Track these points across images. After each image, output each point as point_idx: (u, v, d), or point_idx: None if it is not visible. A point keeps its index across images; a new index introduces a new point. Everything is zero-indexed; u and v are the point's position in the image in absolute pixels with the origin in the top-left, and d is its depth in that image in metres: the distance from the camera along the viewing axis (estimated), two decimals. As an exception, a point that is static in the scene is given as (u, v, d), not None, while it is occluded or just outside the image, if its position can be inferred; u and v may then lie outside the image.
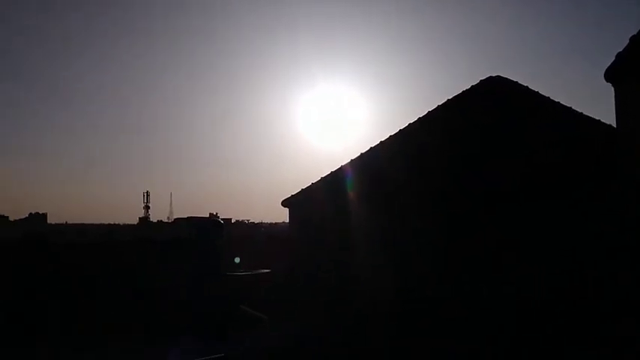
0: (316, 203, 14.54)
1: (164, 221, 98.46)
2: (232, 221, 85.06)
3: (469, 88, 14.22)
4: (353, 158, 14.68)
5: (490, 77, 14.20)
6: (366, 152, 14.74)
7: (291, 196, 14.82)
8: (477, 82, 14.25)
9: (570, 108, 13.38)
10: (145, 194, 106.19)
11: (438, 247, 12.41)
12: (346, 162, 14.73)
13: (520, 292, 11.44)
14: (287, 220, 15.86)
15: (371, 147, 14.60)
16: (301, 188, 14.86)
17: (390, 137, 14.68)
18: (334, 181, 14.39)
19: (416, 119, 14.54)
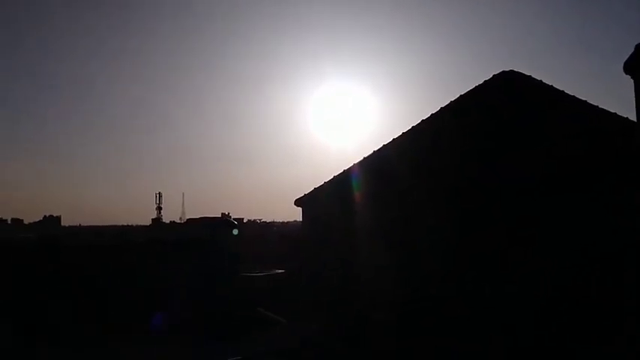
0: (329, 202, 14.44)
1: (176, 222, 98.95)
2: (244, 221, 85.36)
3: (482, 83, 14.01)
4: (365, 156, 14.55)
5: (503, 72, 13.99)
6: (378, 150, 14.60)
7: (304, 195, 14.74)
8: (490, 77, 14.04)
9: (586, 101, 13.14)
10: (158, 195, 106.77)
11: (451, 245, 12.27)
12: (358, 160, 14.60)
13: (532, 289, 11.28)
14: (298, 219, 15.79)
15: (383, 144, 14.46)
16: (314, 187, 14.76)
17: (403, 134, 14.52)
18: (346, 180, 14.27)
19: (429, 115, 14.37)
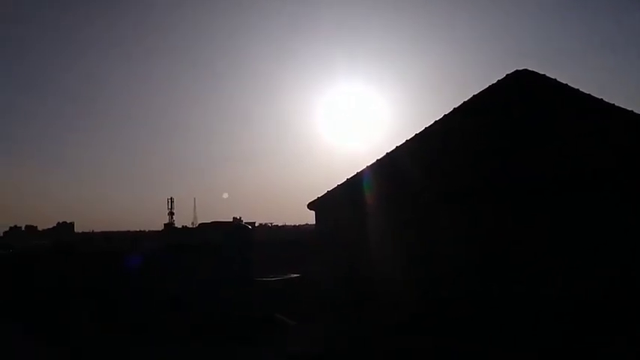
0: (342, 205, 14.37)
1: (188, 227, 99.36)
2: (256, 224, 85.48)
3: (496, 83, 13.92)
4: (379, 158, 14.49)
5: (517, 71, 13.90)
6: (391, 152, 14.53)
7: (317, 199, 14.68)
8: (504, 76, 13.95)
9: (601, 100, 12.98)
10: (169, 200, 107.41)
11: (467, 246, 12.17)
12: (371, 162, 14.53)
13: (545, 289, 11.18)
14: (310, 222, 15.76)
15: (396, 146, 14.39)
16: (327, 190, 14.70)
17: (415, 135, 14.46)
18: (359, 182, 14.20)
19: (442, 116, 14.29)
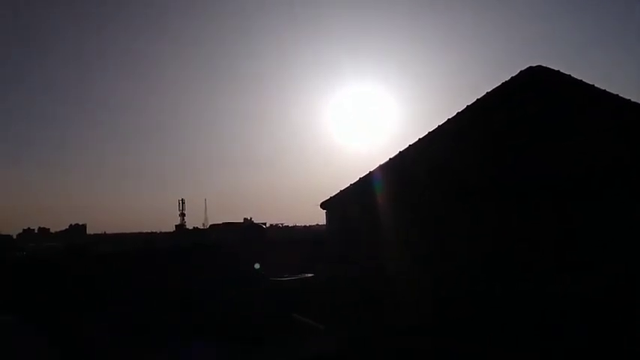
0: (354, 204, 14.33)
1: (200, 228, 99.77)
2: (266, 225, 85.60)
3: (509, 80, 13.72)
4: (391, 157, 14.40)
5: (530, 67, 13.69)
6: (402, 151, 14.43)
7: (329, 198, 14.65)
8: (517, 73, 13.76)
9: (617, 95, 12.77)
10: (180, 202, 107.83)
11: (481, 245, 12.09)
12: (383, 162, 14.45)
13: (558, 288, 11.07)
14: (321, 222, 15.73)
15: (409, 145, 14.28)
16: (339, 190, 14.66)
17: (427, 134, 14.34)
18: (371, 182, 14.15)
19: (454, 114, 14.15)
